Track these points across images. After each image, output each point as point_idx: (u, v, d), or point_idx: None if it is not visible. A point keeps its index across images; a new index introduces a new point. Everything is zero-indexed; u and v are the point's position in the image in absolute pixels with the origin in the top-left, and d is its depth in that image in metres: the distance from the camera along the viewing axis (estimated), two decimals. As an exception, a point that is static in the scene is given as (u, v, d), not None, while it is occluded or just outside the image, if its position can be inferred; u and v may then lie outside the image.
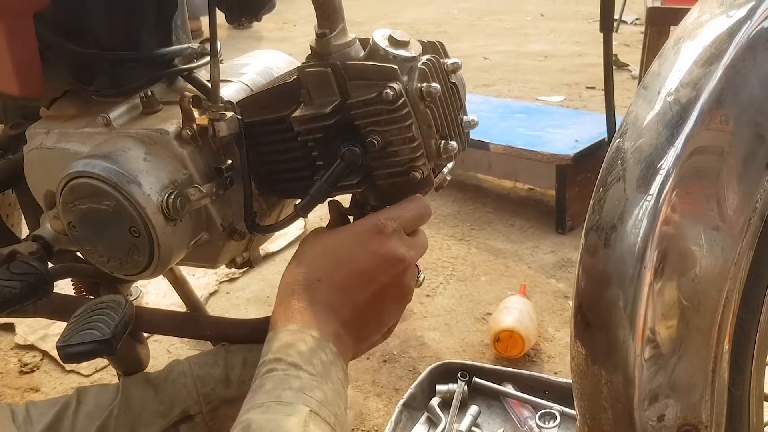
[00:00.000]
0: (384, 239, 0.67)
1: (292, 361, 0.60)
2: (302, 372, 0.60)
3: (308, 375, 0.60)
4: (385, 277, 0.68)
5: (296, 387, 0.59)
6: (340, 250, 0.68)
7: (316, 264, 0.67)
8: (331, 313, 0.65)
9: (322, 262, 0.67)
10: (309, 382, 0.59)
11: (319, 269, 0.67)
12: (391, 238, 0.68)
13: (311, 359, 0.61)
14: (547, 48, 4.45)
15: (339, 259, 0.67)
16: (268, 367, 0.61)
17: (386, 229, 0.68)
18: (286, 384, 0.59)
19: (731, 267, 0.57)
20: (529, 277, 1.90)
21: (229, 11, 0.75)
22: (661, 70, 0.62)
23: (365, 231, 0.68)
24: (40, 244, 0.81)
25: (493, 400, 1.43)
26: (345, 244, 0.68)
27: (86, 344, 0.71)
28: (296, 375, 0.59)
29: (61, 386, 1.56)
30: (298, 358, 0.61)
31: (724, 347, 0.59)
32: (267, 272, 1.95)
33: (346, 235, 0.68)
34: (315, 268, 0.67)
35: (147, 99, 0.78)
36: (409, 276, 0.70)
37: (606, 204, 0.61)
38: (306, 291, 0.66)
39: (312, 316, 0.64)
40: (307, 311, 0.64)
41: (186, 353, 1.65)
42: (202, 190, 0.73)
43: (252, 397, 0.59)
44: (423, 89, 0.68)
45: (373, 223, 0.68)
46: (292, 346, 0.61)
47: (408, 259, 0.69)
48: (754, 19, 0.58)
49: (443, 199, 2.36)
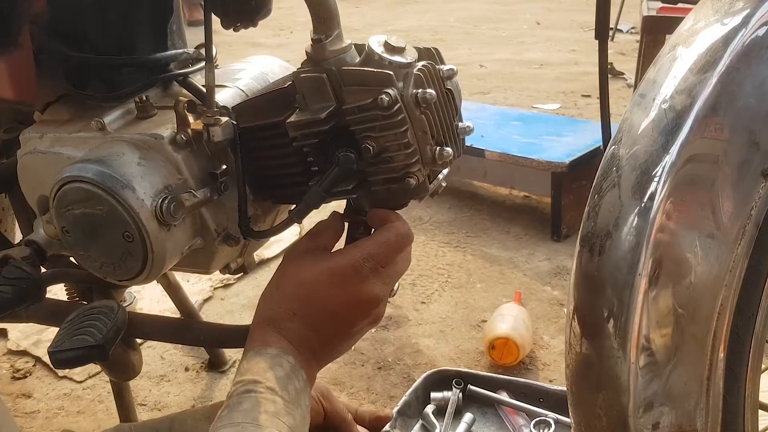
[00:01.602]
0: (359, 282, 0.69)
1: (269, 386, 0.64)
2: (277, 397, 0.64)
3: (282, 401, 0.64)
4: (358, 318, 0.71)
5: (271, 411, 0.63)
6: (316, 288, 0.70)
7: (293, 297, 0.71)
8: (303, 344, 0.70)
9: (298, 295, 0.70)
10: (282, 408, 0.64)
11: (295, 302, 0.70)
12: (366, 280, 0.69)
13: (287, 386, 0.66)
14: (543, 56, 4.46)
15: (314, 297, 0.70)
16: (246, 387, 0.65)
17: (362, 272, 0.69)
18: (262, 407, 0.63)
19: (726, 274, 0.57)
20: (525, 285, 1.90)
21: (224, 16, 0.74)
22: (656, 78, 0.62)
23: (341, 271, 0.69)
24: (33, 249, 0.81)
25: (487, 407, 1.42)
26: (321, 283, 0.70)
27: (78, 350, 0.71)
28: (272, 399, 0.64)
29: (53, 392, 1.55)
30: (275, 383, 0.65)
31: (719, 355, 0.59)
32: (262, 278, 1.94)
33: (322, 273, 0.70)
34: (292, 300, 0.70)
35: (142, 104, 0.78)
36: (381, 307, 0.72)
37: (601, 211, 0.61)
38: (282, 321, 0.70)
39: (287, 344, 0.69)
40: (283, 340, 0.69)
41: (179, 359, 1.64)
42: (196, 195, 0.73)
43: (229, 413, 0.63)
44: (418, 95, 0.68)
45: (351, 264, 0.69)
46: (270, 370, 0.66)
47: (382, 294, 0.71)
48: (749, 27, 0.58)
49: (439, 206, 2.36)
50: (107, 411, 1.48)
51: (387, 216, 0.73)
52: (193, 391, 1.55)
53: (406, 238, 0.73)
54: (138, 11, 0.79)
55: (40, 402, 1.52)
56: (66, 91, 0.82)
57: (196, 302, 1.79)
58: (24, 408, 1.50)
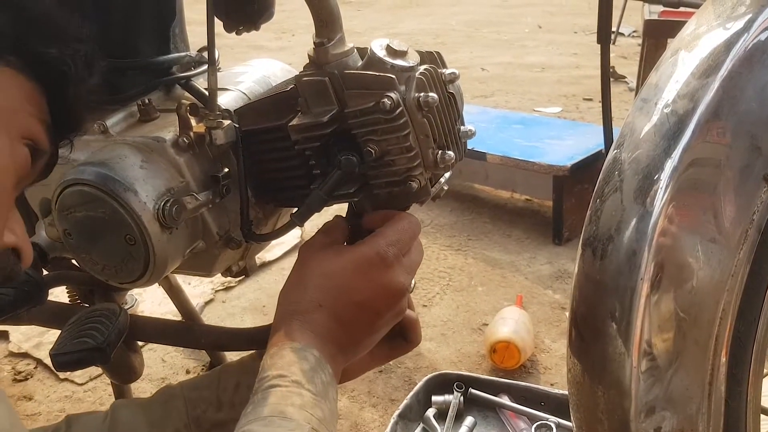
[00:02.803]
0: (386, 269, 0.67)
1: (294, 379, 0.62)
2: (304, 390, 0.61)
3: (310, 393, 0.61)
4: (386, 308, 0.69)
5: (299, 404, 0.60)
6: (342, 278, 0.68)
7: (318, 288, 0.68)
8: (329, 336, 0.67)
9: (323, 287, 0.68)
10: (310, 400, 0.61)
11: (320, 294, 0.68)
12: (392, 267, 0.68)
13: (313, 378, 0.63)
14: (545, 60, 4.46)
15: (341, 287, 0.67)
16: (271, 382, 0.62)
17: (388, 258, 0.67)
18: (289, 400, 0.60)
19: (728, 279, 0.57)
20: (526, 288, 1.90)
21: (227, 19, 0.74)
22: (658, 82, 0.62)
23: (368, 260, 0.67)
24: (36, 252, 0.81)
25: (489, 411, 1.42)
26: (347, 272, 0.68)
27: (79, 352, 0.71)
28: (298, 392, 0.61)
29: (54, 394, 1.55)
30: (301, 376, 0.62)
31: (721, 359, 0.59)
32: (263, 281, 1.94)
33: (348, 262, 0.68)
34: (317, 291, 0.68)
35: (144, 107, 0.78)
36: (405, 300, 0.70)
37: (603, 215, 0.61)
38: (307, 313, 0.67)
39: (312, 337, 0.66)
40: (307, 332, 0.66)
41: (181, 362, 1.64)
42: (198, 198, 0.73)
43: (254, 409, 0.60)
44: (420, 99, 0.68)
45: (376, 252, 0.67)
46: (295, 363, 0.63)
47: (407, 285, 0.69)
48: (751, 32, 0.58)
49: (440, 209, 2.36)
50: (108, 413, 1.48)
51: (387, 213, 0.73)
52: (194, 394, 1.55)
53: (417, 225, 0.72)
54: (141, 15, 0.79)
55: (41, 404, 1.52)
56: (69, 93, 0.82)
57: (198, 305, 1.79)
58: (25, 410, 1.50)
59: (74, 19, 0.58)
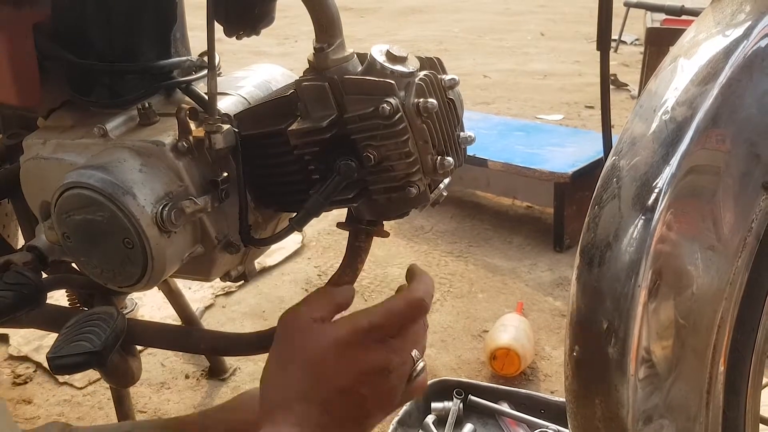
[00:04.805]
0: (363, 351, 0.66)
1: None
2: None
3: None
4: (367, 390, 0.67)
5: None
6: (323, 365, 0.66)
7: (301, 378, 0.67)
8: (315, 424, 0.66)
9: (303, 375, 0.67)
10: None
11: (303, 384, 0.67)
12: (369, 349, 0.66)
13: None
14: (547, 67, 4.47)
15: (323, 375, 0.66)
16: None
17: (366, 340, 0.66)
18: None
19: (726, 287, 0.57)
20: (527, 295, 1.90)
21: (227, 24, 0.75)
22: (657, 89, 0.62)
23: (347, 341, 0.66)
24: (35, 255, 0.81)
25: (488, 418, 1.41)
26: (329, 357, 0.66)
27: (76, 356, 0.70)
28: None
29: (53, 398, 1.55)
30: None
31: (720, 368, 0.59)
32: (263, 286, 1.94)
33: (331, 345, 0.66)
34: (300, 382, 0.67)
35: (144, 110, 0.78)
36: (394, 381, 0.68)
37: (601, 222, 0.60)
38: (291, 403, 0.66)
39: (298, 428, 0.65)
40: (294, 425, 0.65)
41: (180, 367, 1.64)
42: (197, 202, 0.73)
43: None
44: (420, 104, 0.68)
45: (355, 331, 0.66)
46: None
47: (392, 365, 0.67)
48: (751, 39, 0.58)
49: (441, 215, 2.36)
50: (107, 417, 1.48)
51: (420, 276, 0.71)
52: (193, 399, 1.55)
53: (419, 309, 0.69)
54: (142, 19, 0.80)
55: (41, 408, 1.52)
56: (69, 97, 0.83)
57: (198, 310, 1.79)
58: (24, 414, 1.50)
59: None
